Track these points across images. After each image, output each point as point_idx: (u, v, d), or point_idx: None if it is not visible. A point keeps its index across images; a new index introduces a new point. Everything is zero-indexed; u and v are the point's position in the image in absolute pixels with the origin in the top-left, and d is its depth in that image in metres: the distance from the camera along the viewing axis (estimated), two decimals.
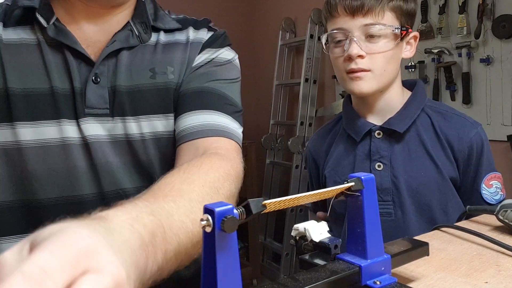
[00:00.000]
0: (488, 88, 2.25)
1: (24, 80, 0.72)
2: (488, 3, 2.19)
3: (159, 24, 0.84)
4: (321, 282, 0.49)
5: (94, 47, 0.78)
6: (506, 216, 0.77)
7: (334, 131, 1.17)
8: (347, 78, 1.02)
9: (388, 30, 0.99)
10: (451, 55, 2.38)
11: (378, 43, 0.99)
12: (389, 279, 0.53)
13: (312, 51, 3.02)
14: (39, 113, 0.73)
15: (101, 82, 0.76)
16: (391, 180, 1.03)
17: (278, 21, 3.32)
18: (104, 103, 0.76)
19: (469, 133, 1.03)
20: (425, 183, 1.02)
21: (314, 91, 3.07)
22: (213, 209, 0.42)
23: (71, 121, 0.75)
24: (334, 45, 1.03)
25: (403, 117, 1.05)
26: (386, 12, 0.99)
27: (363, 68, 0.99)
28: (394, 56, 1.02)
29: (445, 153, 1.03)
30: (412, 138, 1.05)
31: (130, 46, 0.79)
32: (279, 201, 0.49)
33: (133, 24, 0.81)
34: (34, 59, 0.74)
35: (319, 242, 0.57)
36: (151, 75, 0.80)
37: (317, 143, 1.19)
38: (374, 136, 1.06)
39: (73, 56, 0.75)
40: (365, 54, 0.98)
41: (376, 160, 1.04)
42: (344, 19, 0.99)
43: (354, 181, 0.53)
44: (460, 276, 0.61)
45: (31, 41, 0.75)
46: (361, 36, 0.99)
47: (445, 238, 0.77)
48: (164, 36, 0.84)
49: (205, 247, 0.44)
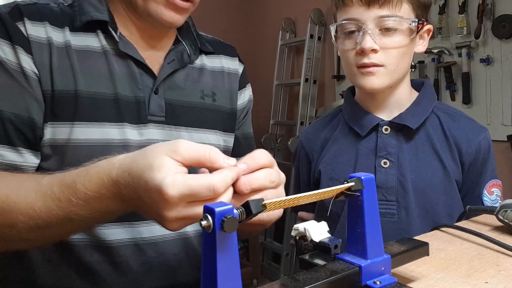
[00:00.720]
0: (488, 88, 2.25)
1: (90, 84, 0.78)
2: (488, 3, 2.19)
3: (202, 47, 0.93)
4: (321, 282, 0.49)
5: (151, 60, 0.85)
6: (506, 216, 0.77)
7: (332, 124, 1.11)
8: (358, 72, 0.96)
9: (405, 23, 0.93)
10: (451, 55, 2.38)
11: (393, 37, 0.93)
12: (389, 279, 0.53)
13: (312, 51, 3.03)
14: (102, 115, 0.78)
15: (159, 93, 0.84)
16: (397, 178, 0.98)
17: (278, 21, 3.32)
18: (161, 111, 0.84)
19: (478, 137, 1.00)
20: (432, 184, 0.97)
21: (314, 91, 3.07)
22: (213, 209, 0.42)
23: (132, 125, 0.80)
24: (345, 37, 0.97)
25: (415, 113, 1.00)
26: (403, 3, 0.93)
27: (376, 63, 0.93)
28: (407, 51, 0.97)
29: (452, 155, 0.99)
30: (421, 136, 1.00)
31: (184, 65, 0.89)
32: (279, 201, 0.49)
33: (184, 44, 0.90)
34: (100, 66, 0.79)
35: (319, 242, 0.57)
36: (200, 95, 0.90)
37: (311, 136, 1.13)
38: (381, 131, 1.00)
39: (137, 68, 0.82)
40: (379, 48, 0.93)
41: (382, 156, 0.99)
42: (358, 9, 0.93)
43: (354, 181, 0.53)
44: (460, 276, 0.61)
45: (97, 48, 0.80)
46: (375, 29, 0.93)
47: (445, 238, 0.77)
48: (205, 59, 0.94)
49: (205, 247, 0.44)
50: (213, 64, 0.95)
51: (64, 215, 0.61)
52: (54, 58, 0.76)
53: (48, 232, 0.64)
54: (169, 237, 0.84)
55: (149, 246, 0.82)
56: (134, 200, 0.57)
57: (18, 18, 0.75)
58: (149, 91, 0.83)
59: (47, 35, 0.77)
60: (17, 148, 0.74)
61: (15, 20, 0.75)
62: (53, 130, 0.75)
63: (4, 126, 0.72)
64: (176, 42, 0.90)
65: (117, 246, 0.79)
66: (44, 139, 0.75)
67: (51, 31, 0.77)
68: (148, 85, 0.83)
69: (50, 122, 0.75)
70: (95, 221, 0.64)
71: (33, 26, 0.76)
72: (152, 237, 0.82)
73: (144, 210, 0.57)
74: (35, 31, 0.76)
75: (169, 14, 0.80)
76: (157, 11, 0.79)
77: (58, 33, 0.78)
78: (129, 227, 0.80)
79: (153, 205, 0.54)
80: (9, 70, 0.73)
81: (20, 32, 0.75)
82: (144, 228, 0.82)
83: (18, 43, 0.74)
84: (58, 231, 0.65)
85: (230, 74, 0.97)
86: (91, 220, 0.62)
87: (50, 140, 0.76)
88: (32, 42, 0.75)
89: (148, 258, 0.82)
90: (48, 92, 0.75)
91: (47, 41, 0.76)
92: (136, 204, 0.57)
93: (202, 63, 0.93)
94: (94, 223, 0.69)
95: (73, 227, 0.65)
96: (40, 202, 0.62)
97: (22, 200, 0.63)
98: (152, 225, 0.82)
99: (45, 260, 0.78)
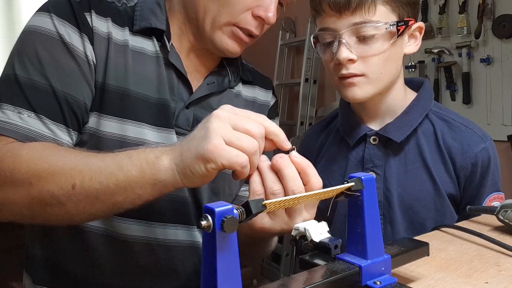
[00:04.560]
0: (488, 88, 2.25)
1: (139, 85, 0.81)
2: (488, 3, 2.19)
3: (243, 76, 0.97)
4: (321, 282, 0.49)
5: (191, 75, 0.88)
6: (506, 216, 0.77)
7: (328, 130, 1.07)
8: (340, 83, 0.91)
9: (382, 28, 0.85)
10: (451, 55, 2.38)
11: (371, 44, 0.86)
12: (389, 279, 0.53)
13: (312, 51, 3.02)
14: (141, 116, 0.80)
15: (190, 108, 0.86)
16: (383, 192, 0.94)
17: (278, 21, 3.31)
18: (187, 125, 0.86)
19: (475, 148, 0.92)
20: (420, 199, 0.92)
21: (314, 91, 3.07)
22: (213, 209, 0.42)
23: (152, 127, 0.82)
24: (324, 47, 0.91)
25: (402, 125, 0.94)
26: (378, 6, 0.85)
27: (355, 73, 0.88)
28: (392, 56, 0.89)
29: (445, 167, 0.93)
30: (410, 147, 0.95)
31: (222, 90, 0.91)
32: (279, 201, 0.49)
33: (228, 69, 0.92)
34: (151, 70, 0.83)
35: (319, 242, 0.57)
36: None
37: (310, 139, 1.10)
38: (369, 141, 0.96)
39: (177, 79, 0.85)
40: (356, 57, 0.86)
41: (368, 168, 0.95)
42: (331, 18, 0.87)
43: (354, 181, 0.53)
44: (460, 276, 0.61)
45: (150, 52, 0.83)
46: (351, 37, 0.86)
47: (445, 238, 0.77)
48: (242, 87, 0.97)
49: (205, 247, 0.44)
50: (247, 93, 0.98)
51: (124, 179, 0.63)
52: (111, 53, 0.79)
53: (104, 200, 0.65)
54: (182, 242, 0.86)
55: (160, 247, 0.84)
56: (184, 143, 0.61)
57: (87, 8, 0.79)
58: (182, 104, 0.85)
59: (108, 30, 0.80)
60: (69, 128, 0.76)
61: (84, 10, 0.79)
62: (97, 120, 0.79)
63: (61, 106, 0.75)
64: (221, 65, 0.93)
65: (130, 241, 0.82)
66: (87, 126, 0.79)
67: (112, 28, 0.81)
68: (183, 98, 0.86)
69: (95, 112, 0.79)
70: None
71: (98, 19, 0.80)
72: (165, 239, 0.84)
73: (189, 144, 0.60)
74: (99, 24, 0.79)
75: (232, 45, 0.84)
76: (222, 41, 0.83)
77: (118, 31, 0.81)
78: (145, 226, 0.82)
79: (203, 126, 0.60)
80: (74, 54, 0.77)
81: (87, 21, 0.78)
82: (159, 230, 0.84)
83: (84, 31, 0.78)
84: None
85: (260, 105, 1.00)
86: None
87: (91, 129, 0.79)
88: (95, 33, 0.79)
89: (157, 259, 0.84)
90: (98, 83, 0.79)
91: (107, 35, 0.80)
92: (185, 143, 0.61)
93: (239, 89, 0.96)
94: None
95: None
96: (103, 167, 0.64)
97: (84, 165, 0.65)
98: (167, 228, 0.84)
99: (70, 242, 0.82)
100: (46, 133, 0.73)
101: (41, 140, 0.73)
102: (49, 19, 0.76)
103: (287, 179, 0.62)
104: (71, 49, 0.76)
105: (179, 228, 0.85)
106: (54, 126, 0.74)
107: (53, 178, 0.64)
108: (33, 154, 0.67)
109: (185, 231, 0.86)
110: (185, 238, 0.86)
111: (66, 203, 0.64)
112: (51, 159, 0.66)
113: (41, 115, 0.73)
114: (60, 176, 0.64)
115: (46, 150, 0.69)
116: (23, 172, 0.66)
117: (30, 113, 0.73)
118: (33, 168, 0.65)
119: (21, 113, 0.72)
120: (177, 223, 0.85)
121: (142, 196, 0.64)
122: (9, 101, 0.73)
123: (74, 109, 0.76)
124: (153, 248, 0.83)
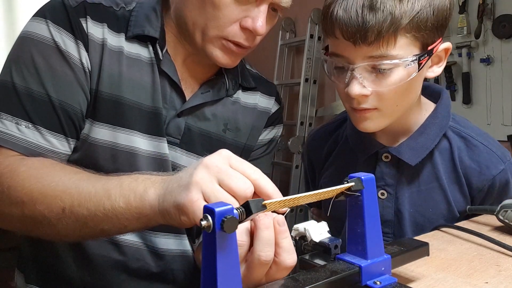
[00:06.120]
0: (488, 88, 2.25)
1: (133, 93, 0.80)
2: (488, 3, 2.19)
3: (243, 83, 0.94)
4: (321, 282, 0.49)
5: (185, 82, 0.87)
6: (506, 216, 0.77)
7: (336, 136, 1.02)
8: (351, 111, 0.84)
9: (402, 64, 0.77)
10: (451, 55, 2.38)
11: (389, 78, 0.77)
12: (389, 279, 0.53)
13: (312, 51, 3.02)
14: (133, 124, 0.80)
15: (183, 117, 0.85)
16: (394, 212, 0.89)
17: (278, 21, 3.31)
18: (178, 134, 0.85)
19: (493, 170, 0.87)
20: (433, 220, 0.87)
21: (314, 91, 3.07)
22: (213, 209, 0.42)
23: (144, 135, 0.81)
24: (336, 71, 0.84)
25: (417, 146, 0.87)
26: (399, 37, 0.75)
27: (368, 108, 0.80)
28: (410, 87, 0.81)
29: (460, 188, 0.88)
30: (425, 167, 0.88)
31: (218, 99, 0.89)
32: (279, 201, 0.49)
33: (226, 77, 0.90)
34: (145, 77, 0.81)
35: (319, 242, 0.57)
36: (223, 128, 0.91)
37: (316, 144, 1.06)
38: (381, 159, 0.89)
39: (169, 87, 0.84)
40: (370, 92, 0.78)
41: (380, 187, 0.89)
42: (344, 44, 0.78)
43: (354, 181, 0.53)
44: (460, 276, 0.61)
45: (145, 59, 0.82)
46: (367, 67, 0.78)
47: (445, 238, 0.77)
48: (241, 94, 0.94)
49: (205, 247, 0.44)
50: (247, 100, 0.95)
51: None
52: (105, 59, 0.78)
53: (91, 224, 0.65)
54: (172, 251, 0.86)
55: (151, 254, 0.84)
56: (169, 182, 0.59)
57: (82, 14, 0.78)
58: (173, 112, 0.84)
59: (103, 36, 0.79)
60: (67, 137, 0.77)
61: (79, 16, 0.78)
62: (89, 126, 0.79)
63: (58, 115, 0.75)
64: (219, 72, 0.90)
65: (121, 245, 0.82)
66: (81, 132, 0.79)
67: (107, 34, 0.79)
68: (175, 106, 0.84)
69: (89, 119, 0.79)
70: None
71: (93, 25, 0.78)
72: (154, 247, 0.84)
73: (173, 186, 0.58)
74: (94, 30, 0.78)
75: (224, 58, 0.82)
76: (213, 53, 0.81)
77: (113, 37, 0.80)
78: (137, 233, 0.83)
79: (190, 172, 0.56)
80: (69, 62, 0.76)
81: (82, 28, 0.77)
82: (150, 238, 0.84)
83: (79, 38, 0.77)
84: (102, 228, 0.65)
85: (260, 112, 0.97)
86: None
87: (83, 135, 0.79)
88: (90, 40, 0.78)
89: (148, 266, 0.84)
90: (92, 90, 0.78)
91: (101, 42, 0.79)
92: (170, 185, 0.59)
93: (238, 97, 0.93)
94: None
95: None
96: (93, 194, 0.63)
97: (74, 189, 0.65)
98: (158, 237, 0.84)
99: (68, 249, 0.82)
100: (44, 144, 0.74)
101: (39, 152, 0.73)
102: (44, 25, 0.76)
103: (259, 241, 0.53)
104: (66, 56, 0.76)
105: (170, 237, 0.86)
106: (52, 137, 0.74)
107: (44, 199, 0.65)
108: (29, 173, 0.67)
109: (176, 240, 0.86)
110: (175, 247, 0.86)
111: (57, 224, 0.65)
112: (45, 179, 0.66)
113: (38, 126, 0.73)
114: (51, 199, 0.64)
115: (43, 168, 0.69)
116: (19, 190, 0.66)
117: (28, 123, 0.73)
118: (28, 187, 0.66)
119: (19, 124, 0.72)
120: (167, 232, 0.85)
121: (128, 227, 0.63)
122: (7, 110, 0.73)
123: (71, 117, 0.76)
124: (143, 255, 0.83)
